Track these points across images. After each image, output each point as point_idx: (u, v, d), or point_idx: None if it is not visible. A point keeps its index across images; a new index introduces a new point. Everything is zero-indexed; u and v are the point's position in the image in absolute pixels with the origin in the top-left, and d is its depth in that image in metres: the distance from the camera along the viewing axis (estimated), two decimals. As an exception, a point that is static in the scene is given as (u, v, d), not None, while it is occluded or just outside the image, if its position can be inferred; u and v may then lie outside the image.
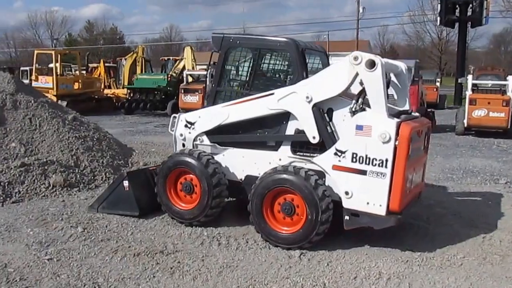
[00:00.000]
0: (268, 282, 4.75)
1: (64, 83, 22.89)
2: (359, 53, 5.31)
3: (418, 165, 5.97)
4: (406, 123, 5.29)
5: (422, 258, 5.45)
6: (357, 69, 5.30)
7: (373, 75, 5.23)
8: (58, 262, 5.15)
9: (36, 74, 23.01)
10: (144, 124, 19.71)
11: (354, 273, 5.01)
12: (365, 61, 5.24)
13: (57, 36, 78.57)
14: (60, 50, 26.62)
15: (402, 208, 5.39)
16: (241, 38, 6.47)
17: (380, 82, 5.21)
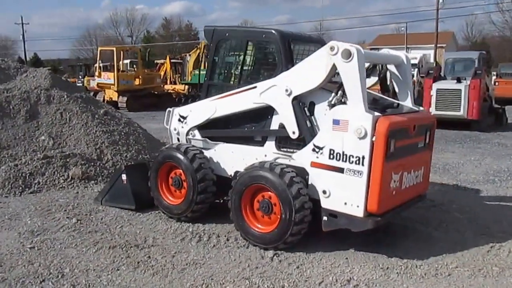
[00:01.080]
0: (225, 281, 4.62)
1: (125, 79, 23.89)
2: (335, 43, 5.00)
3: (415, 164, 5.52)
4: (385, 117, 4.91)
5: (407, 266, 5.05)
6: (334, 60, 5.01)
7: (349, 66, 4.92)
8: (38, 251, 5.35)
9: (100, 70, 24.20)
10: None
11: (321, 277, 4.75)
12: (341, 51, 4.94)
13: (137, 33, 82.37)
14: (121, 47, 27.71)
15: (383, 210, 5.03)
16: (230, 30, 6.36)
17: (357, 73, 4.88)
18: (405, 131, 5.18)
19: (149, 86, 25.25)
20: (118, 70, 23.63)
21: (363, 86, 4.91)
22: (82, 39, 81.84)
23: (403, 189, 5.34)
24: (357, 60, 4.87)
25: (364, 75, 4.96)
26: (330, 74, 5.11)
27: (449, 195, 7.88)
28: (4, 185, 7.75)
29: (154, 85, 25.77)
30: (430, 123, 5.79)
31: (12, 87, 10.07)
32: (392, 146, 4.91)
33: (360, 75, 4.89)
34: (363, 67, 4.99)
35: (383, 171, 4.85)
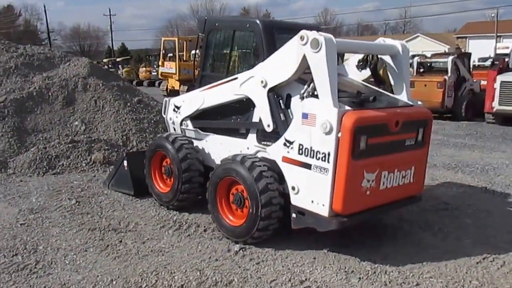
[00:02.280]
0: (177, 271, 4.64)
1: (186, 69, 24.52)
2: (306, 32, 4.80)
3: (400, 163, 5.18)
4: (352, 112, 4.64)
5: (375, 271, 4.78)
6: (304, 50, 4.82)
7: (317, 56, 4.70)
8: (26, 227, 5.72)
9: (163, 60, 25.05)
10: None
11: (275, 276, 4.63)
12: (310, 41, 4.73)
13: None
14: (183, 38, 28.44)
15: (350, 211, 4.79)
16: (219, 19, 6.33)
17: (324, 64, 4.65)
18: (383, 127, 4.86)
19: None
20: (180, 60, 24.30)
21: (331, 78, 4.67)
22: (164, 29, 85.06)
23: (382, 189, 5.04)
24: (326, 50, 4.64)
25: (334, 67, 4.72)
26: (301, 65, 4.92)
27: (471, 199, 7.30)
28: (30, 166, 8.32)
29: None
30: (423, 119, 5.39)
31: (53, 75, 10.75)
32: (362, 143, 4.65)
33: (329, 66, 4.65)
34: (334, 58, 4.74)
35: (348, 169, 4.60)
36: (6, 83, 10.24)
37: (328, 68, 4.64)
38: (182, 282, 4.42)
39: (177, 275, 4.57)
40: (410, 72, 19.93)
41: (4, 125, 9.20)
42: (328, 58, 4.65)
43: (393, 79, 5.63)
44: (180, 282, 4.42)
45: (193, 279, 4.50)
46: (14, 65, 10.76)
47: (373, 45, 5.61)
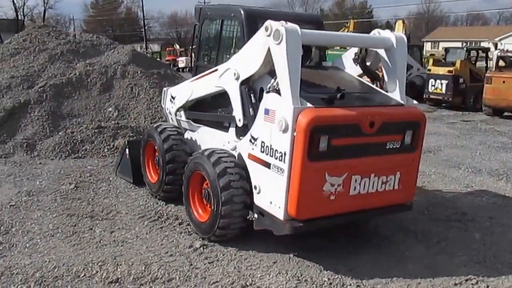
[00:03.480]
0: (123, 263, 4.51)
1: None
2: (271, 23, 4.41)
3: (379, 168, 4.63)
4: (310, 110, 4.19)
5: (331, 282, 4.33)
6: (268, 41, 4.44)
7: (278, 48, 4.32)
8: (13, 209, 5.91)
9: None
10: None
11: (220, 278, 4.35)
12: (273, 32, 4.35)
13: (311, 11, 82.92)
14: None
15: (307, 216, 4.37)
16: (211, 8, 6.05)
17: (284, 57, 4.25)
18: (353, 127, 4.35)
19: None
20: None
21: (292, 72, 4.25)
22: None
23: (354, 195, 4.54)
24: (286, 42, 4.24)
25: (295, 60, 4.29)
26: (267, 57, 4.53)
27: (497, 211, 6.42)
28: (54, 149, 8.67)
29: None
30: (412, 120, 4.77)
31: (95, 62, 11.12)
32: (322, 144, 4.20)
33: (289, 60, 4.24)
34: (296, 51, 4.30)
35: (303, 171, 4.18)
36: (50, 68, 10.76)
37: (289, 61, 4.23)
38: (120, 275, 4.30)
39: (121, 268, 4.44)
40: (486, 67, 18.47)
41: (40, 109, 9.66)
42: (289, 51, 4.24)
43: (386, 75, 5.07)
44: (118, 275, 4.30)
45: (134, 273, 4.35)
46: (60, 51, 11.27)
47: (358, 38, 5.08)
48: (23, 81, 10.25)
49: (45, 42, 11.54)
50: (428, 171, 8.34)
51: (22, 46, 11.42)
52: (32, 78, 10.40)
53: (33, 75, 10.49)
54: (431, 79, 17.30)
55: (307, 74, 5.09)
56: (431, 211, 6.32)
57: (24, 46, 11.41)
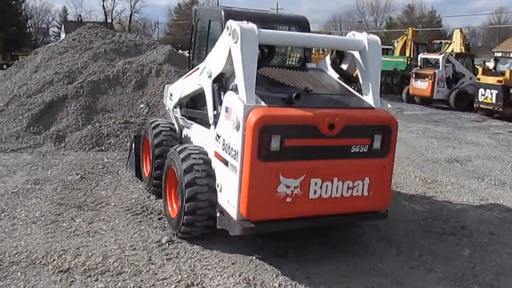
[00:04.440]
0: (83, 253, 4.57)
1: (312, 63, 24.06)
2: (231, 22, 4.32)
3: (342, 172, 4.35)
4: (262, 109, 4.04)
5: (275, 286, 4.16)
6: (229, 41, 4.36)
7: (235, 47, 4.25)
8: (13, 196, 6.20)
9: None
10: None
11: (170, 275, 4.29)
12: (232, 31, 4.26)
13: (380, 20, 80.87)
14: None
15: (259, 217, 4.21)
16: (202, 9, 6.06)
17: (239, 56, 4.16)
18: (309, 128, 4.13)
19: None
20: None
21: (246, 71, 4.16)
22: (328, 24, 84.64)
23: (314, 199, 4.30)
24: (241, 41, 4.13)
25: (251, 59, 4.18)
26: (230, 56, 4.44)
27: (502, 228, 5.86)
28: (80, 141, 9.06)
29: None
30: (382, 124, 4.45)
31: (133, 60, 11.50)
32: (274, 144, 4.03)
33: (244, 59, 4.16)
34: (251, 51, 4.18)
35: (252, 171, 4.03)
36: (92, 66, 11.26)
37: (243, 60, 4.16)
38: (73, 266, 4.37)
39: (79, 258, 4.51)
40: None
41: (77, 103, 10.14)
42: (244, 50, 4.16)
43: (361, 77, 4.80)
44: (71, 265, 4.37)
45: (88, 264, 4.40)
46: (104, 50, 11.76)
47: (325, 39, 4.86)
48: (64, 77, 10.81)
49: (91, 42, 12.11)
50: (446, 182, 7.77)
51: (71, 45, 12.06)
52: (74, 75, 10.94)
53: (75, 72, 11.03)
54: (481, 89, 16.34)
55: (278, 74, 4.95)
56: (429, 223, 5.87)
57: (72, 45, 12.04)
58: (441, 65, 18.98)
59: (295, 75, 5.01)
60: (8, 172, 7.27)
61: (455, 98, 18.80)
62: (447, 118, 16.66)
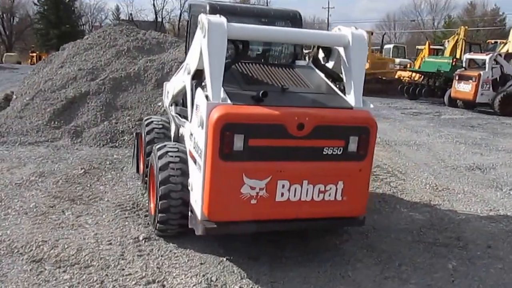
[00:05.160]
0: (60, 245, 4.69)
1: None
2: (201, 16, 4.29)
3: (315, 175, 4.24)
4: (225, 107, 3.99)
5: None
6: (199, 35, 4.34)
7: (203, 42, 4.19)
8: (14, 187, 6.45)
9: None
10: (394, 109, 18.55)
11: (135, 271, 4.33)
12: (201, 25, 4.24)
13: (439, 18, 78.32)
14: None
15: (222, 218, 4.18)
16: (195, 4, 5.99)
17: (206, 50, 4.12)
18: (276, 128, 4.04)
19: (378, 71, 24.35)
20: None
21: (213, 67, 4.10)
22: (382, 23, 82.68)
23: (282, 201, 4.21)
24: (208, 35, 4.10)
25: (218, 54, 4.10)
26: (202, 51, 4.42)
27: (506, 241, 5.54)
28: (95, 137, 9.32)
29: (385, 71, 24.71)
30: (358, 125, 4.28)
31: (155, 58, 11.69)
32: (238, 143, 3.98)
33: (210, 54, 4.10)
34: (219, 45, 4.10)
35: (213, 170, 4.00)
36: (114, 63, 11.54)
37: (210, 55, 4.10)
38: (46, 256, 4.49)
39: (55, 249, 4.63)
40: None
41: (97, 100, 10.43)
42: (211, 45, 4.10)
43: (344, 75, 4.64)
44: (45, 256, 4.50)
45: (62, 255, 4.52)
46: (127, 48, 12.02)
47: (301, 34, 4.72)
48: (88, 73, 11.14)
49: (116, 39, 12.41)
50: (458, 190, 7.42)
51: (96, 42, 12.42)
52: (97, 71, 11.25)
53: (98, 69, 11.34)
54: None
55: (258, 71, 4.88)
56: (422, 232, 5.63)
57: (97, 42, 12.39)
58: (487, 66, 18.05)
59: (277, 72, 4.93)
60: (19, 164, 7.58)
61: (501, 102, 17.76)
62: (487, 123, 15.90)
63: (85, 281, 4.11)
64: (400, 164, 8.98)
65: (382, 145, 10.60)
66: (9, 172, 7.12)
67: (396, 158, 9.50)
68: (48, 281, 4.09)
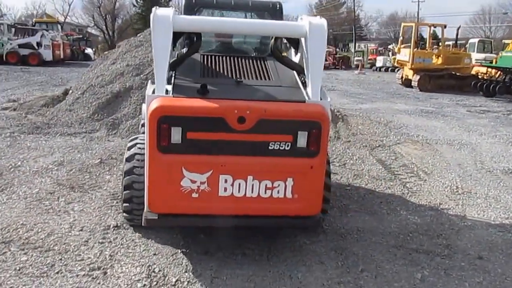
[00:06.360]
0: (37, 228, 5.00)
1: (421, 57, 22.52)
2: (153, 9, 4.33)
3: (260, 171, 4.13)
4: (163, 99, 4.01)
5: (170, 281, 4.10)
6: None
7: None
8: (33, 173, 6.96)
9: (399, 47, 23.66)
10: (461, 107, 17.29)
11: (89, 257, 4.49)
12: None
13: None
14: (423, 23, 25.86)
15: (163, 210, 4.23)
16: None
17: (152, 43, 4.16)
18: (215, 121, 3.98)
19: (452, 67, 22.86)
20: (416, 47, 22.53)
21: (157, 59, 4.15)
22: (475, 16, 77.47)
23: (225, 196, 4.15)
24: (153, 28, 4.14)
25: (162, 47, 4.11)
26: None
27: (502, 253, 4.99)
28: (129, 129, 9.76)
29: (460, 66, 23.11)
30: (306, 120, 4.08)
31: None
32: (175, 136, 4.00)
33: (155, 46, 4.14)
34: (163, 37, 4.11)
35: (152, 162, 4.08)
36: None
37: (154, 47, 4.15)
38: (15, 239, 4.80)
39: (28, 233, 4.93)
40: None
41: (139, 94, 10.88)
42: (156, 37, 4.14)
43: (305, 67, 4.42)
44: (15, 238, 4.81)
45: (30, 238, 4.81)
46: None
47: (255, 25, 4.56)
48: (134, 69, 11.65)
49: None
50: (480, 194, 6.83)
51: (146, 39, 12.93)
52: (143, 67, 11.73)
53: (144, 64, 11.82)
54: None
55: (220, 63, 4.83)
56: (409, 237, 5.24)
57: (148, 39, 12.88)
58: None
59: (242, 65, 4.84)
60: (47, 153, 8.14)
61: None
62: None
63: (37, 263, 4.34)
64: (430, 164, 8.39)
65: (421, 144, 9.95)
66: (34, 160, 7.66)
67: (428, 157, 8.87)
68: (5, 261, 4.37)
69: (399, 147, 9.63)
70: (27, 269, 4.26)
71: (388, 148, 9.44)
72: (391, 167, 8.13)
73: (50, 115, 10.92)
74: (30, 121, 10.51)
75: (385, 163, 8.37)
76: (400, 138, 10.44)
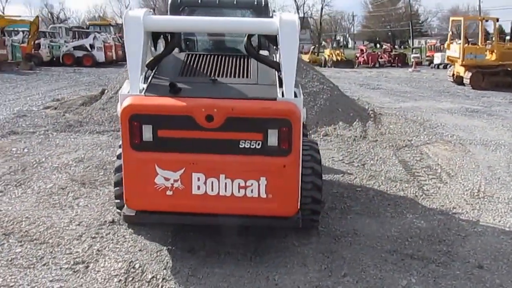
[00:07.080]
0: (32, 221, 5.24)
1: (473, 53, 21.39)
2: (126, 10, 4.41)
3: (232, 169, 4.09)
4: (134, 98, 4.07)
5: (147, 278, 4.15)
6: None
7: None
8: (52, 169, 7.29)
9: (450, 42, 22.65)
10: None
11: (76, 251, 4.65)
12: None
13: None
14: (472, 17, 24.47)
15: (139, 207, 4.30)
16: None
17: (125, 42, 4.24)
18: (184, 119, 3.99)
19: (508, 63, 21.54)
20: (467, 42, 21.47)
21: (130, 59, 4.20)
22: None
23: (199, 195, 4.14)
24: (125, 29, 4.21)
25: (135, 47, 4.16)
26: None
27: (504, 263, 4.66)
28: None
29: (516, 62, 21.75)
30: (275, 118, 3.99)
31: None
32: (147, 134, 4.06)
33: (128, 46, 4.22)
34: (135, 38, 4.14)
35: (126, 159, 4.17)
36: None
37: (127, 47, 4.22)
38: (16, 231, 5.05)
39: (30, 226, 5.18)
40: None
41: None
42: (128, 37, 4.22)
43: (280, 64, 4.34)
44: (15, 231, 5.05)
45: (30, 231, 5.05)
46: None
47: (226, 23, 4.48)
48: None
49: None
50: (503, 199, 6.49)
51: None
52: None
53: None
54: None
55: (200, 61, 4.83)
56: (408, 242, 5.02)
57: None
58: None
59: (222, 63, 4.80)
60: (72, 150, 8.48)
61: None
62: None
63: (29, 255, 4.54)
64: (457, 166, 7.97)
65: (453, 144, 9.48)
66: (58, 157, 8.01)
67: (457, 159, 8.43)
68: (0, 252, 4.58)
69: (427, 147, 9.22)
70: (18, 260, 4.46)
71: (415, 149, 9.07)
72: (413, 168, 7.80)
73: (85, 114, 11.38)
74: (65, 120, 10.99)
75: (407, 164, 8.04)
76: (432, 138, 10.00)
